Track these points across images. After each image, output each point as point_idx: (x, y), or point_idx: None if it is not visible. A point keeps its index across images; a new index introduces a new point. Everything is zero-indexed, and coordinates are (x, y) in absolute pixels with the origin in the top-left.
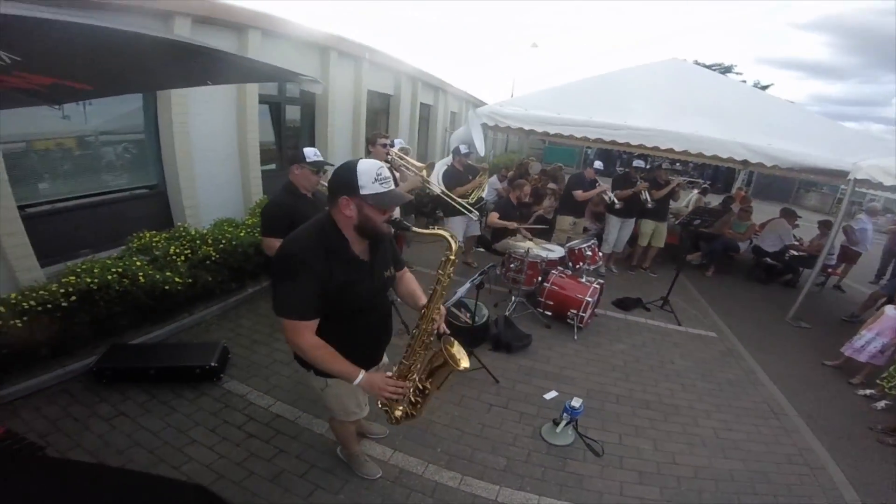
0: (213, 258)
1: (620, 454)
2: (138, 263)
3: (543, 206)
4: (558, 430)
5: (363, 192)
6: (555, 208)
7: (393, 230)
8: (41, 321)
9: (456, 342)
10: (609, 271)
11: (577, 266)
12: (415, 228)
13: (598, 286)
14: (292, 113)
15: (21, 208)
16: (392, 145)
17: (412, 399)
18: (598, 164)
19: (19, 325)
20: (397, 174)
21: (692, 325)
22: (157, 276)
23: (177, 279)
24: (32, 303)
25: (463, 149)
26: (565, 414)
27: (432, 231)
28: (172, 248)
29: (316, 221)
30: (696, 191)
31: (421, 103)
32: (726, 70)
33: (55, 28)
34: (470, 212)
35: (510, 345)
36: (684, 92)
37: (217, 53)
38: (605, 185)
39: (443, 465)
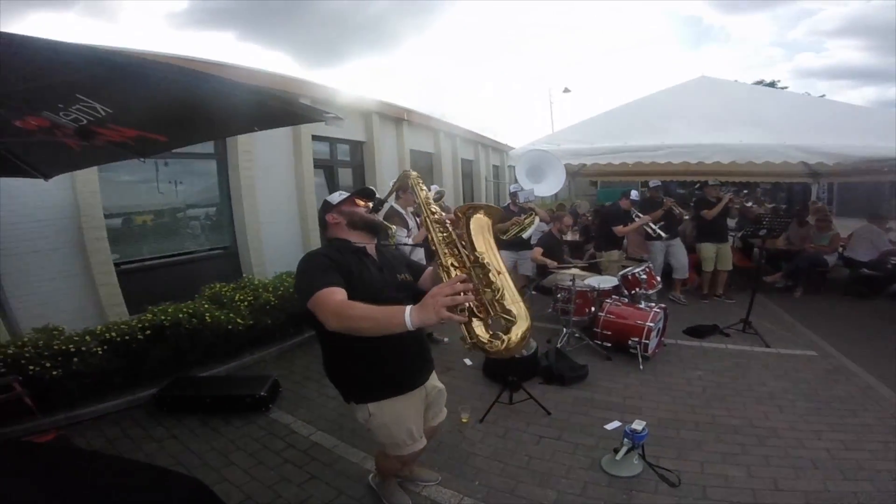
0: (273, 303)
1: (703, 483)
2: (206, 306)
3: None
4: (618, 457)
5: (334, 202)
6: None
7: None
8: (119, 350)
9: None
10: (678, 301)
11: (633, 292)
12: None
13: (659, 310)
14: (344, 176)
15: (117, 265)
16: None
17: (489, 296)
18: (634, 195)
19: (100, 352)
20: (419, 220)
21: (784, 346)
22: (222, 317)
23: (239, 320)
24: (113, 334)
25: (512, 188)
26: (626, 440)
27: (392, 186)
28: (238, 295)
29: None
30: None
31: (462, 159)
32: (769, 86)
33: (138, 81)
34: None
35: (563, 376)
36: (721, 106)
37: (262, 94)
38: (646, 217)
39: (480, 499)
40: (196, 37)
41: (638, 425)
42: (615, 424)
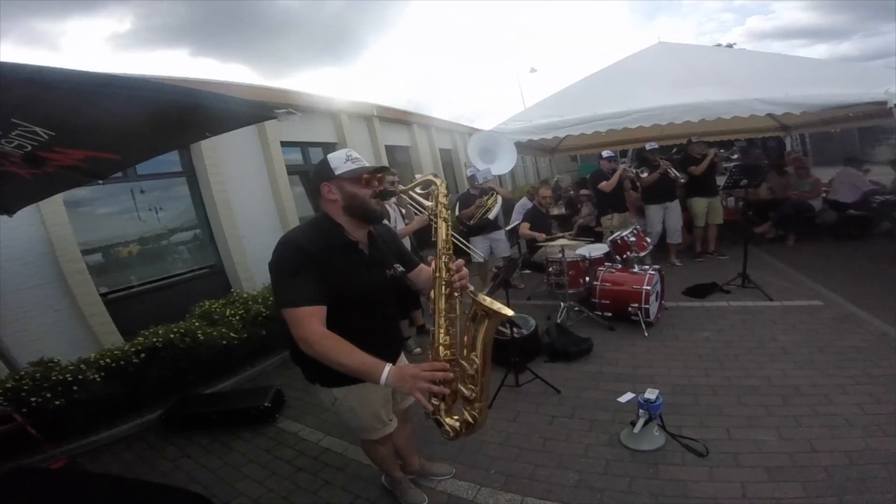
0: (265, 314)
1: (733, 451)
2: (197, 324)
3: (583, 215)
4: (636, 430)
5: (338, 172)
6: (596, 215)
7: (384, 209)
8: (116, 375)
9: (485, 296)
10: (672, 265)
11: (625, 256)
12: (400, 187)
13: (654, 272)
14: None
15: (105, 294)
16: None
17: (464, 391)
18: (606, 153)
19: (98, 379)
20: (403, 211)
21: (787, 298)
22: (215, 333)
23: (232, 334)
24: (108, 360)
25: (469, 172)
26: (641, 411)
27: (419, 180)
28: (228, 310)
29: (312, 219)
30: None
31: (440, 149)
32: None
33: (75, 99)
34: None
35: (567, 351)
36: (682, 68)
37: (205, 98)
38: (622, 165)
39: (498, 487)
40: (147, 57)
41: (651, 394)
42: (629, 396)
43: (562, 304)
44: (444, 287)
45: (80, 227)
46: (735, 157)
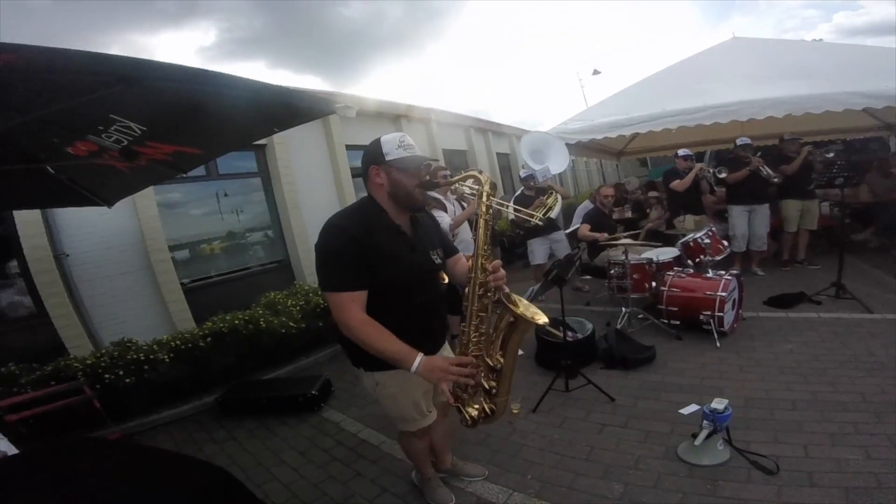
0: (323, 306)
1: (809, 469)
2: (261, 312)
3: (651, 218)
4: (697, 442)
5: (388, 157)
6: (666, 217)
7: (426, 198)
8: (184, 358)
9: (523, 300)
10: (753, 275)
11: (698, 260)
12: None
13: (731, 277)
14: None
15: (185, 283)
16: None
17: (486, 385)
18: (683, 151)
19: (167, 359)
20: (464, 203)
21: (891, 310)
22: (276, 322)
23: (291, 324)
24: (178, 342)
25: (523, 173)
26: (705, 422)
27: (463, 175)
28: (290, 301)
29: (357, 201)
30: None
31: (497, 153)
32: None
33: (166, 93)
34: (532, 217)
35: (626, 358)
36: (760, 62)
37: (270, 90)
38: (699, 164)
39: (532, 494)
40: (229, 69)
41: (718, 404)
42: (693, 408)
43: (623, 309)
44: (478, 287)
45: (168, 225)
46: (830, 155)
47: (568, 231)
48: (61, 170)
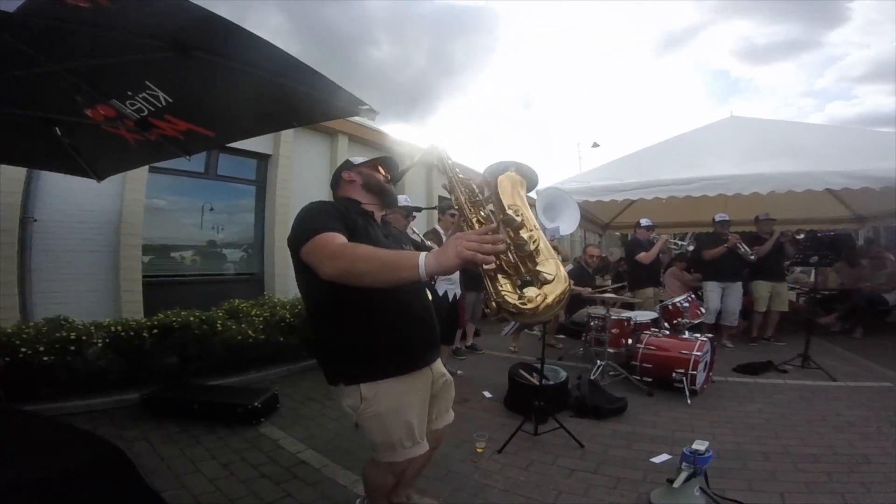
0: (288, 321)
1: None
2: (220, 314)
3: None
4: (676, 484)
5: (356, 162)
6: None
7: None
8: (121, 347)
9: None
10: (723, 347)
11: (675, 322)
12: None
13: (706, 339)
14: None
15: (146, 276)
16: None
17: (521, 253)
18: (644, 221)
19: (100, 344)
20: None
21: (853, 380)
22: (234, 328)
23: (251, 332)
24: (120, 328)
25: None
26: (685, 464)
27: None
28: (254, 310)
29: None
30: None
31: None
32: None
33: (208, 69)
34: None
35: (598, 407)
36: (753, 140)
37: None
38: (664, 236)
39: None
40: None
41: (700, 445)
42: (664, 457)
43: (598, 361)
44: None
45: (149, 223)
46: (801, 236)
47: None
48: (68, 133)
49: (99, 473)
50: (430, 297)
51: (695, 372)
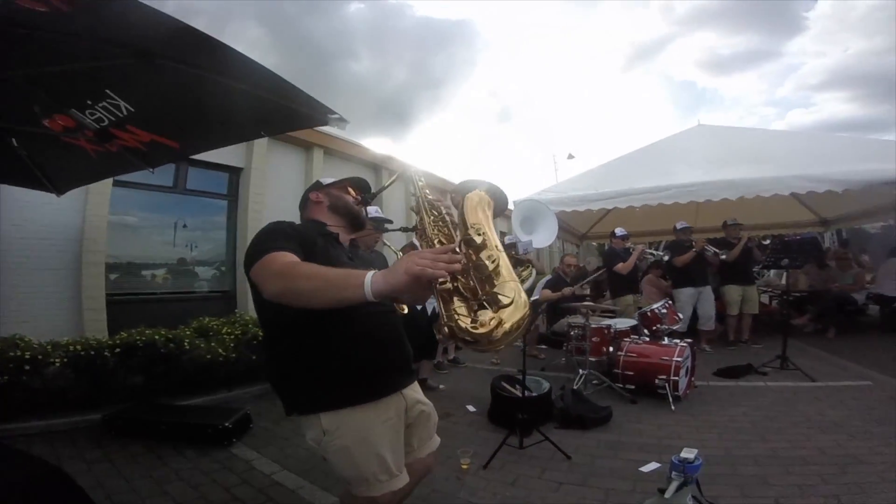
0: (261, 339)
1: None
2: (188, 332)
3: (608, 298)
4: (668, 494)
5: (325, 183)
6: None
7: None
8: (80, 366)
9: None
10: (702, 351)
11: (654, 328)
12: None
13: (685, 345)
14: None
15: (111, 294)
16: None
17: (480, 273)
18: (619, 231)
19: (57, 363)
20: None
21: (832, 380)
22: (202, 346)
23: (221, 351)
24: (79, 348)
25: (507, 239)
26: (674, 473)
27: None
28: (225, 328)
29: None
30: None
31: None
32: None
33: (171, 76)
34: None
35: (583, 417)
36: (722, 147)
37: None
38: (640, 246)
39: None
40: None
41: (689, 453)
42: (653, 466)
43: (581, 371)
44: (429, 210)
45: (114, 239)
46: (767, 242)
47: (530, 300)
48: (25, 144)
49: (36, 494)
50: (404, 312)
51: (676, 378)
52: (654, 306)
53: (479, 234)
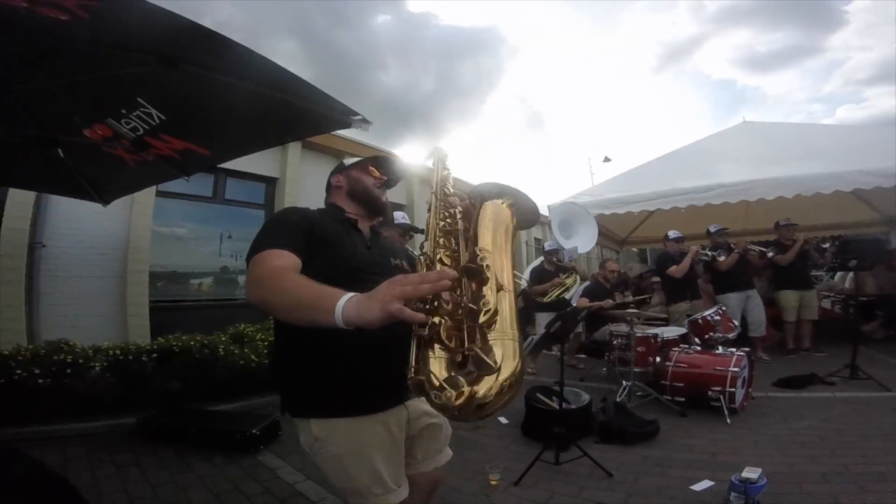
0: None
1: None
2: (223, 339)
3: (653, 304)
4: None
5: (348, 164)
6: (664, 302)
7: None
8: (118, 370)
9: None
10: (759, 360)
11: (707, 337)
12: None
13: (742, 354)
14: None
15: (154, 301)
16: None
17: (472, 317)
18: (673, 233)
19: (97, 368)
20: None
21: None
22: (237, 352)
23: (254, 357)
24: (118, 352)
25: (548, 246)
26: (734, 494)
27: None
28: (259, 334)
29: None
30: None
31: None
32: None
33: (197, 82)
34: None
35: (626, 431)
36: (769, 144)
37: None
38: (694, 247)
39: None
40: None
41: (752, 472)
42: (706, 484)
43: (624, 382)
44: (441, 213)
45: (160, 250)
46: (826, 245)
47: (568, 309)
48: (70, 154)
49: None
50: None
51: (733, 389)
52: (707, 313)
53: (484, 263)
